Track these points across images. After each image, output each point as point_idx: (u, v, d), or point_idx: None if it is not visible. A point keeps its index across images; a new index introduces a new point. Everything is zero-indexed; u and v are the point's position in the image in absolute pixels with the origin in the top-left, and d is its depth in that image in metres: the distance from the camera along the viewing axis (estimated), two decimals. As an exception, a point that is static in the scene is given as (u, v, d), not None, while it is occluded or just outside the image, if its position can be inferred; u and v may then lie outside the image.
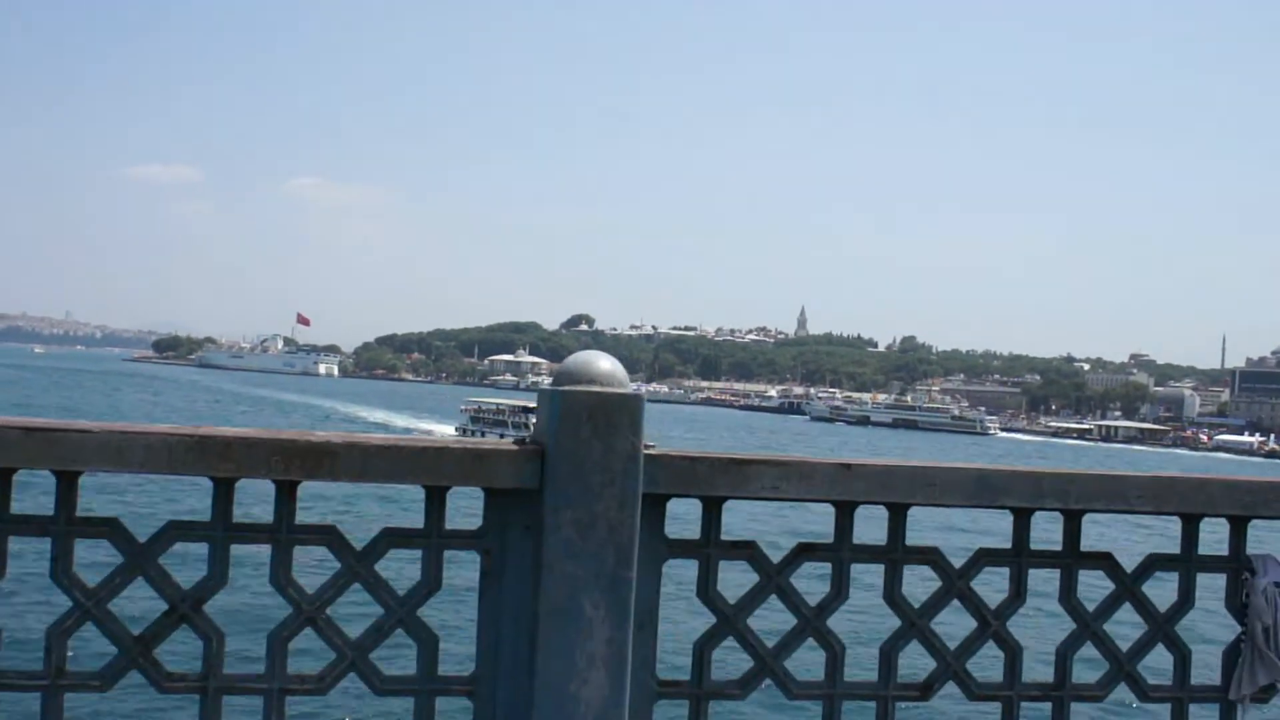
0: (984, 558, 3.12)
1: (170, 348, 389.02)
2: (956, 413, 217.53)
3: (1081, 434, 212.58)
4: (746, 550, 2.98)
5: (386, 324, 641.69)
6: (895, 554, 3.06)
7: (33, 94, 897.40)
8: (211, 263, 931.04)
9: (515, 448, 2.73)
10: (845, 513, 3.02)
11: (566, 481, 2.67)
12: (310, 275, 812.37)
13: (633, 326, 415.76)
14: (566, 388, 2.73)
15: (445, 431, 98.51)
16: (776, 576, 2.94)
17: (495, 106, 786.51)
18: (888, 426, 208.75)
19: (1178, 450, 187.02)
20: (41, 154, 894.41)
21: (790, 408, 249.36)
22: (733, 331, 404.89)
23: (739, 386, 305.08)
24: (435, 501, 2.79)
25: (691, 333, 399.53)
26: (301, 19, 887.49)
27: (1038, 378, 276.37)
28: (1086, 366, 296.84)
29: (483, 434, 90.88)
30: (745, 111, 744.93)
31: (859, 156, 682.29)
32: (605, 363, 2.77)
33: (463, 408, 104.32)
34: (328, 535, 2.70)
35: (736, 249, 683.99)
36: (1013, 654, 3.13)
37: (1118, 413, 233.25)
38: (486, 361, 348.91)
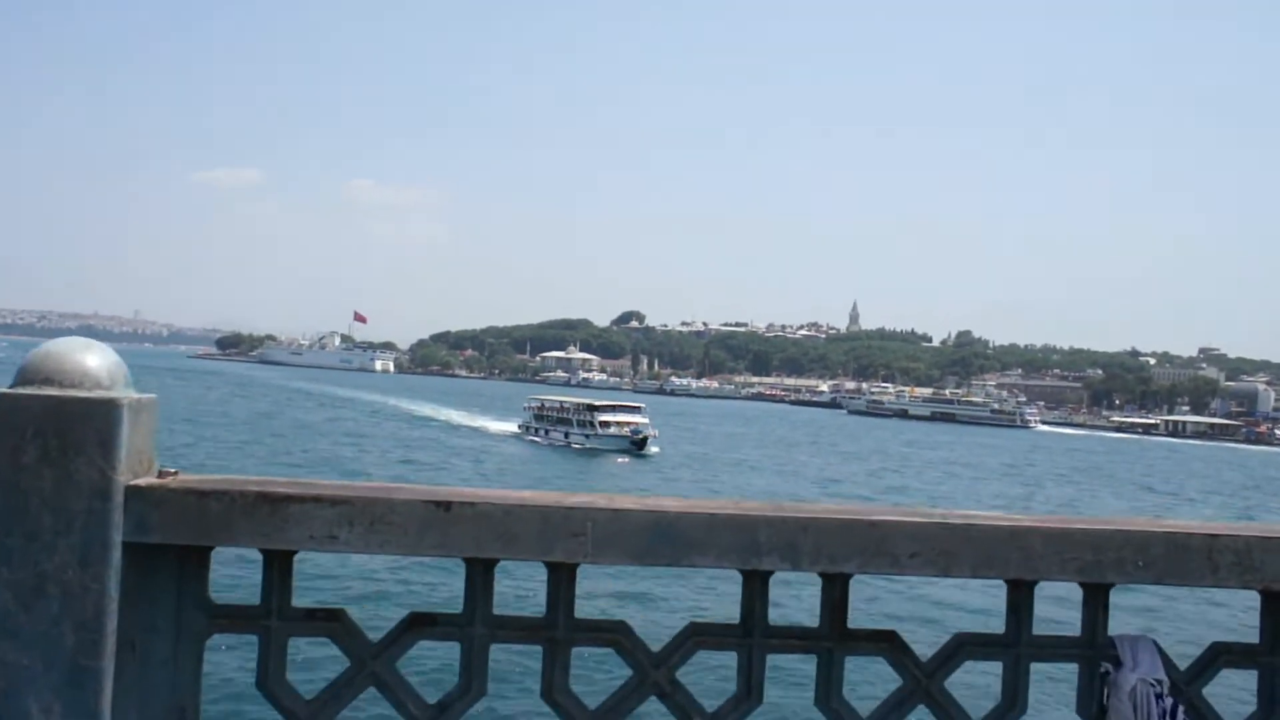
0: (695, 636, 2.27)
1: (232, 345, 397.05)
2: (995, 406, 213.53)
3: (1147, 429, 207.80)
4: (331, 623, 2.18)
5: (441, 321, 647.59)
6: (555, 631, 2.22)
7: (102, 101, 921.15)
8: (273, 262, 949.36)
9: None
10: (479, 570, 2.20)
11: None
12: (367, 274, 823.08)
13: (683, 323, 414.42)
14: (9, 389, 1.97)
15: (507, 429, 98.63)
16: (373, 661, 2.16)
17: (544, 108, 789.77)
18: (925, 420, 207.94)
19: (1250, 446, 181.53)
20: (112, 159, 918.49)
21: (840, 403, 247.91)
22: (784, 327, 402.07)
23: (790, 382, 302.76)
24: None
25: (743, 329, 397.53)
26: (354, 26, 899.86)
27: (1100, 372, 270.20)
28: (1153, 360, 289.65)
29: (546, 432, 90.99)
30: (798, 110, 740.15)
31: (909, 150, 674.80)
32: (83, 357, 2.00)
33: (526, 405, 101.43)
34: None
35: (787, 245, 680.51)
36: None
37: (1186, 407, 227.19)
38: (539, 358, 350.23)
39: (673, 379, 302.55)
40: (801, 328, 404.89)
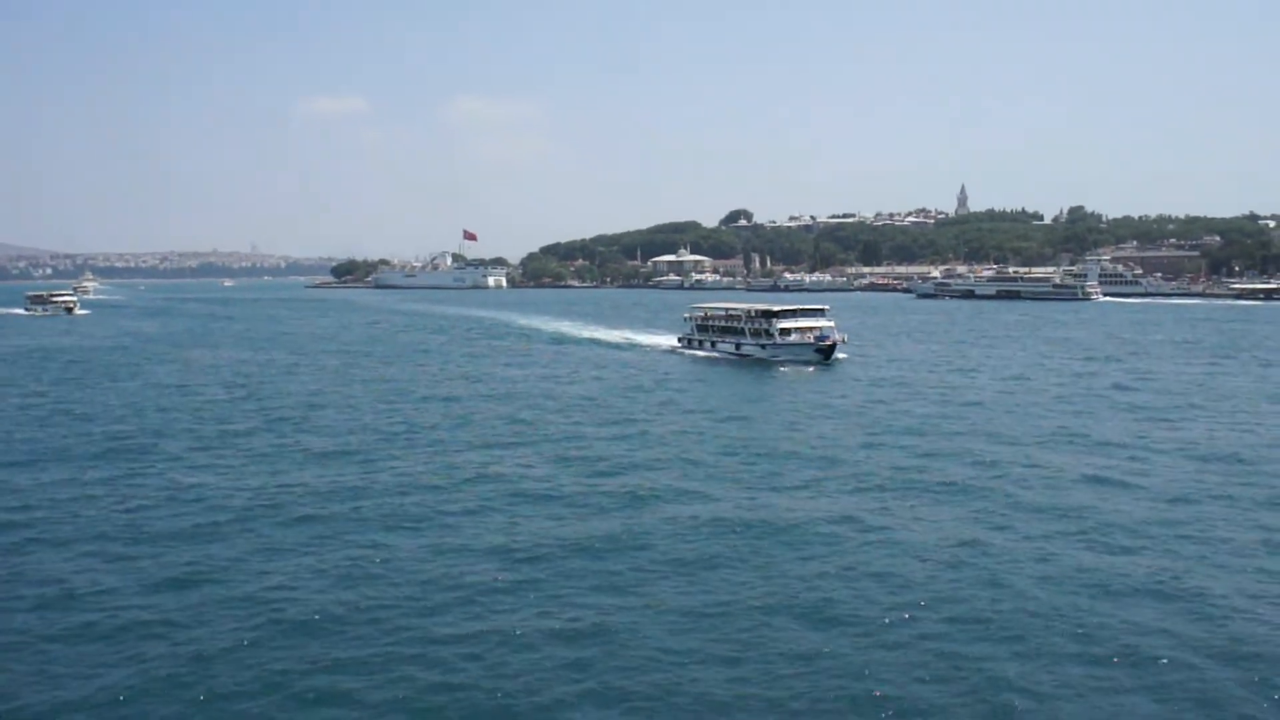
0: None
1: (347, 272, 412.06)
2: (1057, 281, 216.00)
3: (1269, 294, 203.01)
4: None
5: (550, 233, 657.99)
6: None
7: (207, 42, 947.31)
8: (383, 188, 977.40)
9: None
10: None
11: None
12: (475, 191, 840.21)
13: (791, 218, 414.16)
14: None
15: (662, 343, 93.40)
16: None
17: (639, 18, 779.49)
18: (991, 298, 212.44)
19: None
20: (213, 93, 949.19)
21: (910, 288, 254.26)
22: (892, 215, 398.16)
23: (901, 270, 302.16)
24: None
25: (851, 219, 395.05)
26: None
27: (1218, 239, 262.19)
28: (1272, 224, 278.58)
29: (713, 344, 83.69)
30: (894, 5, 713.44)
31: (1011, 24, 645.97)
32: None
33: (687, 315, 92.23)
34: None
35: (891, 132, 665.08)
36: None
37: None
38: (650, 263, 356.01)
39: (785, 275, 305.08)
40: (910, 214, 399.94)
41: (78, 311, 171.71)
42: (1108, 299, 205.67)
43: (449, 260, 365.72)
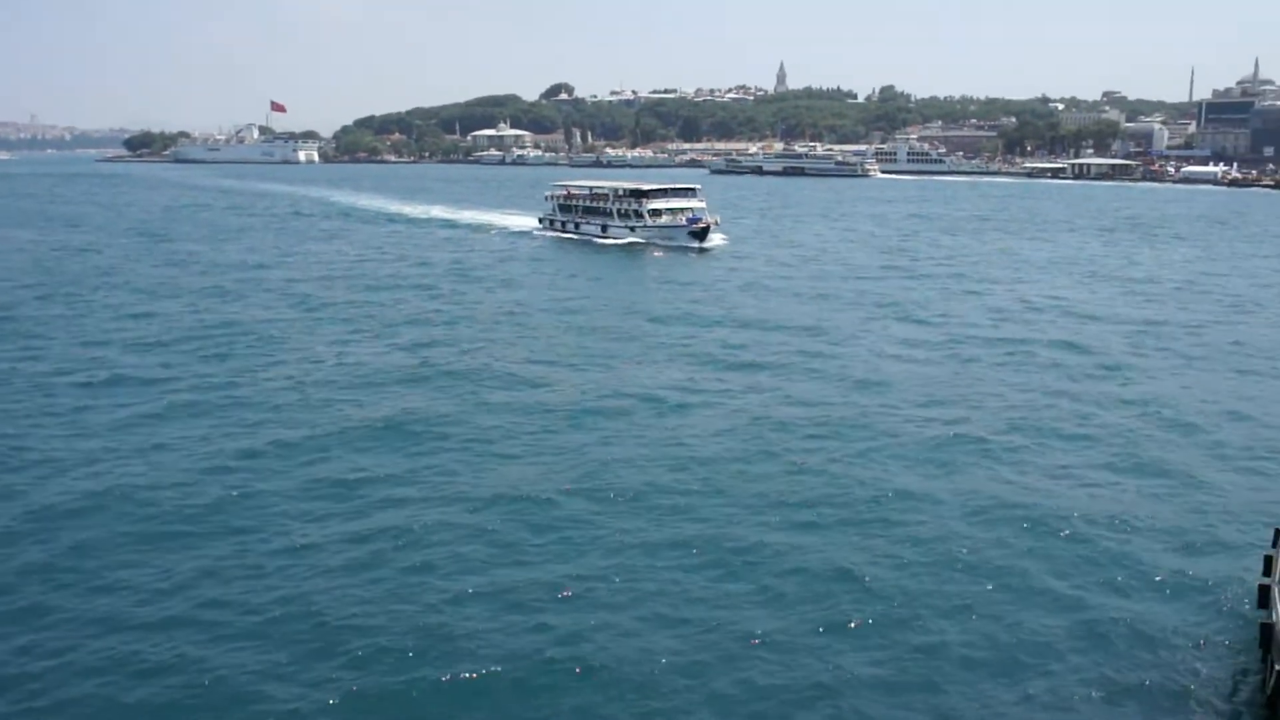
0: None
1: (143, 145, 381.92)
2: (839, 159, 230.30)
3: (1055, 173, 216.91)
4: None
5: (364, 105, 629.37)
6: None
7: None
8: (180, 54, 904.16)
9: None
10: None
11: None
12: (282, 59, 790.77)
13: (613, 93, 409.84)
14: None
15: (519, 224, 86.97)
16: None
17: None
18: (778, 175, 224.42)
19: (1148, 184, 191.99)
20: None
21: (699, 163, 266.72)
22: (712, 91, 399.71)
23: (720, 146, 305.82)
24: None
25: (672, 95, 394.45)
26: None
27: (1013, 120, 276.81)
28: (1061, 107, 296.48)
29: (577, 226, 78.09)
30: None
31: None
32: None
33: (548, 194, 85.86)
34: None
35: (713, 6, 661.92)
36: None
37: (1090, 151, 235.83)
38: (469, 137, 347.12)
39: (607, 150, 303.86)
40: (730, 91, 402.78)
41: None
42: (884, 176, 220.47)
43: (255, 133, 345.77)
